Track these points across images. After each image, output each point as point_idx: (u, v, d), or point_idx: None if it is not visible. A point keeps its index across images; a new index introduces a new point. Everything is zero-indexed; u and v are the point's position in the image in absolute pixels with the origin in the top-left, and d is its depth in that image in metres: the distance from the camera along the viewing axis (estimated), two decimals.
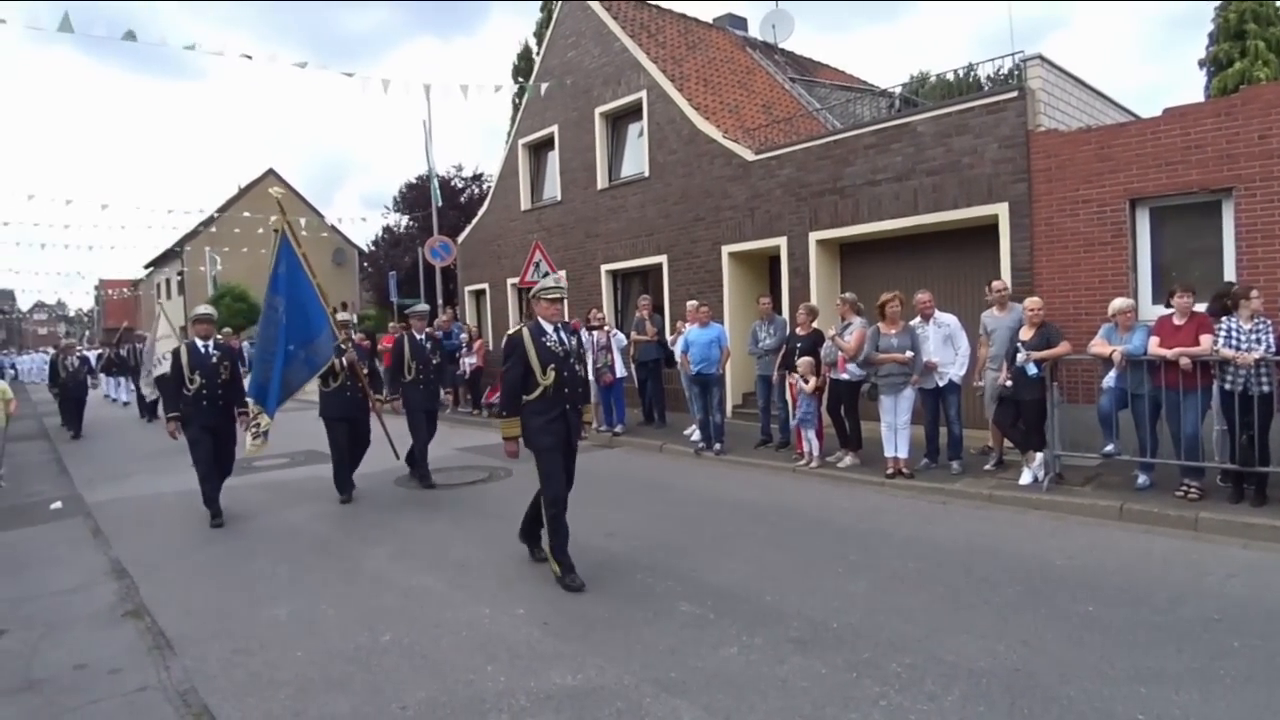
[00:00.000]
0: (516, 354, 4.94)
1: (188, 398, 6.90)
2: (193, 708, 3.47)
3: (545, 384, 4.92)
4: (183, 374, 6.89)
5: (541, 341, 4.96)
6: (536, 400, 4.95)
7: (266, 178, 39.42)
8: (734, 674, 3.61)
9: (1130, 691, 3.31)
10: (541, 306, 5.05)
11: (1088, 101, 10.35)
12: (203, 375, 6.90)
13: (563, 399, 5.00)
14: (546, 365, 4.91)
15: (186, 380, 6.87)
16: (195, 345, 7.04)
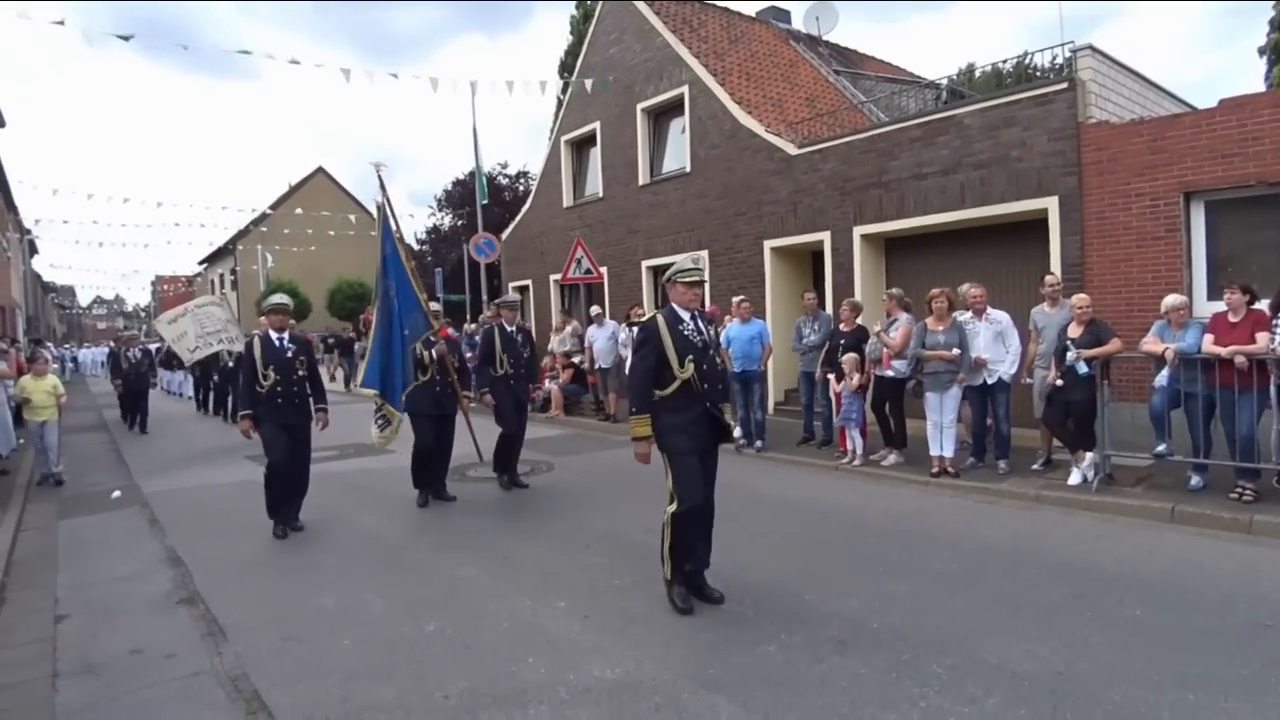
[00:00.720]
0: (650, 344, 4.38)
1: (260, 395, 6.31)
2: (243, 693, 3.59)
3: (683, 377, 4.33)
4: (255, 369, 6.31)
5: (678, 330, 4.37)
6: (672, 396, 4.38)
7: (316, 176, 40.31)
8: (772, 672, 3.62)
9: (1177, 698, 3.24)
10: (678, 291, 4.48)
11: (1140, 93, 10.06)
12: (277, 370, 6.34)
13: (703, 395, 4.40)
14: (684, 357, 4.32)
15: (260, 375, 6.30)
16: (269, 338, 6.44)
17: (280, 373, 6.34)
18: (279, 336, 6.47)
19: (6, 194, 23.04)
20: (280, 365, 6.36)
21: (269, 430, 6.31)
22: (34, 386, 9.23)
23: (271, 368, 6.33)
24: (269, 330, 6.48)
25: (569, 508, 6.96)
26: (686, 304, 4.52)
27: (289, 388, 6.41)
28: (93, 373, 36.00)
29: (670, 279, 4.58)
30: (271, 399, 6.33)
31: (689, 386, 4.37)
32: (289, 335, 6.56)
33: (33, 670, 3.97)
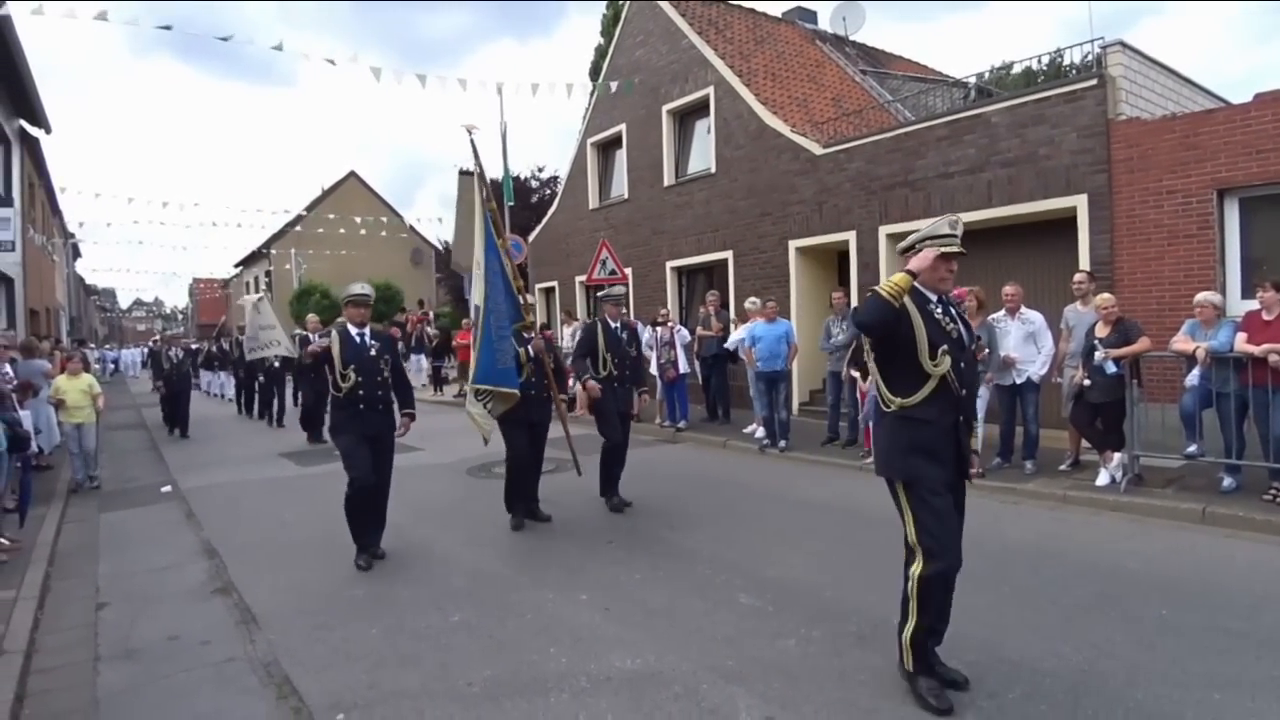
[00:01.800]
0: (881, 323, 3.23)
1: (339, 399, 5.42)
2: (275, 678, 3.70)
3: (938, 373, 3.23)
4: (334, 369, 5.38)
5: (929, 312, 3.32)
6: (919, 404, 3.28)
7: (348, 180, 40.88)
8: (791, 665, 3.65)
9: (1203, 697, 3.22)
10: (927, 263, 3.27)
11: (1173, 89, 9.92)
12: (359, 372, 5.37)
13: (957, 404, 3.32)
14: (937, 348, 3.24)
15: (339, 377, 5.37)
16: (348, 333, 5.49)
17: (362, 373, 5.38)
18: (359, 332, 5.51)
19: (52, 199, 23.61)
20: (362, 365, 5.40)
21: (349, 442, 5.38)
22: (68, 386, 8.64)
23: (352, 367, 5.36)
24: (347, 325, 5.53)
25: (591, 505, 7.02)
26: (937, 283, 3.38)
27: (372, 391, 5.44)
28: (133, 374, 36.77)
29: (914, 246, 3.40)
30: (352, 404, 5.38)
31: (945, 389, 3.27)
32: (370, 330, 5.60)
33: (75, 654, 4.13)
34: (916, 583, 3.24)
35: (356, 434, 5.40)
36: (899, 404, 3.30)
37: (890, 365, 3.35)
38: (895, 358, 3.32)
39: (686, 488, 7.82)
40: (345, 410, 5.43)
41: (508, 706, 3.34)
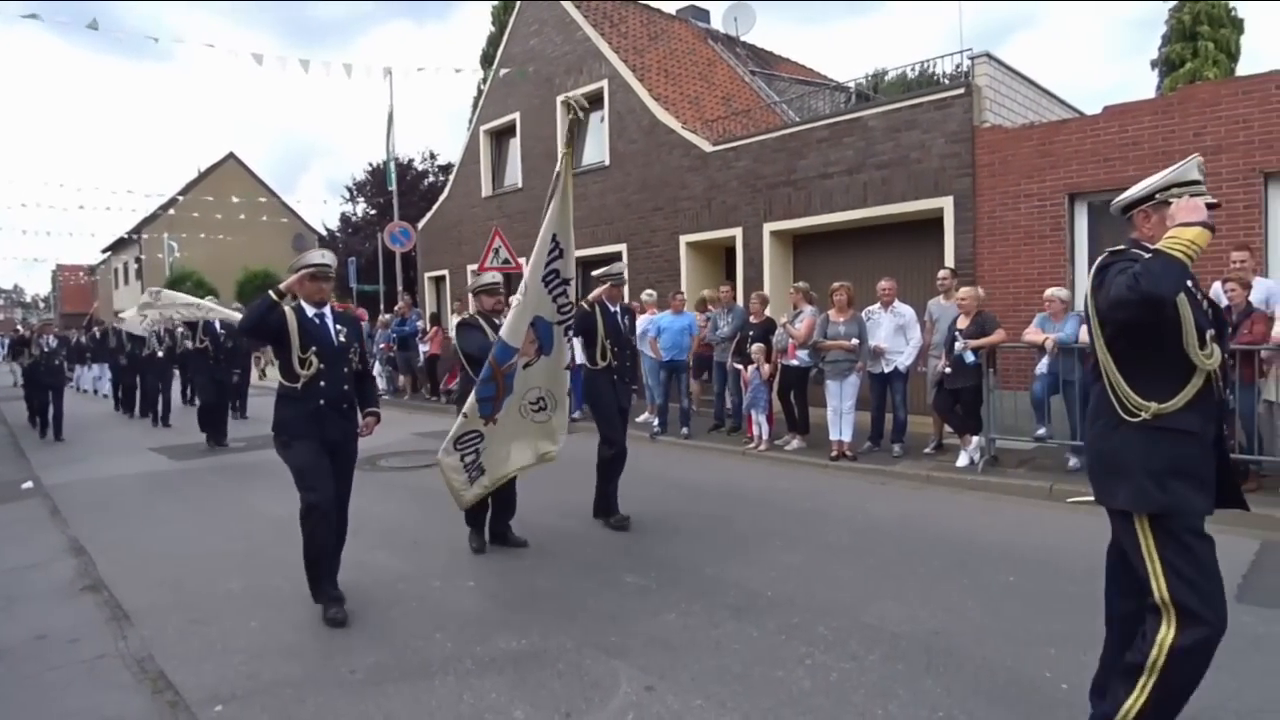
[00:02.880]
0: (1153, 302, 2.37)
1: (291, 392, 4.22)
2: (149, 673, 3.58)
3: (1208, 366, 2.49)
4: (289, 350, 4.19)
5: (1195, 299, 2.58)
6: (1179, 411, 2.49)
7: (227, 162, 38.86)
8: (671, 637, 3.81)
9: (1041, 652, 3.56)
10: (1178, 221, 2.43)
11: (1033, 99, 10.71)
12: (321, 358, 4.23)
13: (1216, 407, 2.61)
14: (1204, 334, 2.52)
15: (295, 361, 4.19)
16: (305, 313, 4.27)
17: (325, 361, 4.23)
18: (317, 312, 4.31)
19: None
20: (325, 352, 4.25)
21: (305, 452, 4.18)
22: None
23: (313, 350, 4.21)
24: (302, 304, 4.30)
25: None
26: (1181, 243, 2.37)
27: (336, 386, 4.29)
28: None
29: (1154, 195, 2.64)
30: (309, 399, 4.20)
31: (1209, 391, 2.52)
32: (332, 310, 4.43)
33: None
34: (1165, 653, 2.43)
35: (314, 441, 4.18)
36: (1153, 410, 2.47)
37: (1140, 359, 2.53)
38: (1149, 348, 2.51)
39: (577, 476, 7.87)
40: (299, 408, 4.20)
41: (391, 691, 3.36)
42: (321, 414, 4.24)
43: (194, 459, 9.31)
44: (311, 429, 4.22)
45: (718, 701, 3.18)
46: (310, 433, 4.21)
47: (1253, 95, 7.56)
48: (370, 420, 4.61)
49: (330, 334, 4.32)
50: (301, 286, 4.30)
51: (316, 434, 4.22)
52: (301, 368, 4.20)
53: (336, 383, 4.32)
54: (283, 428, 4.27)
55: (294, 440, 4.23)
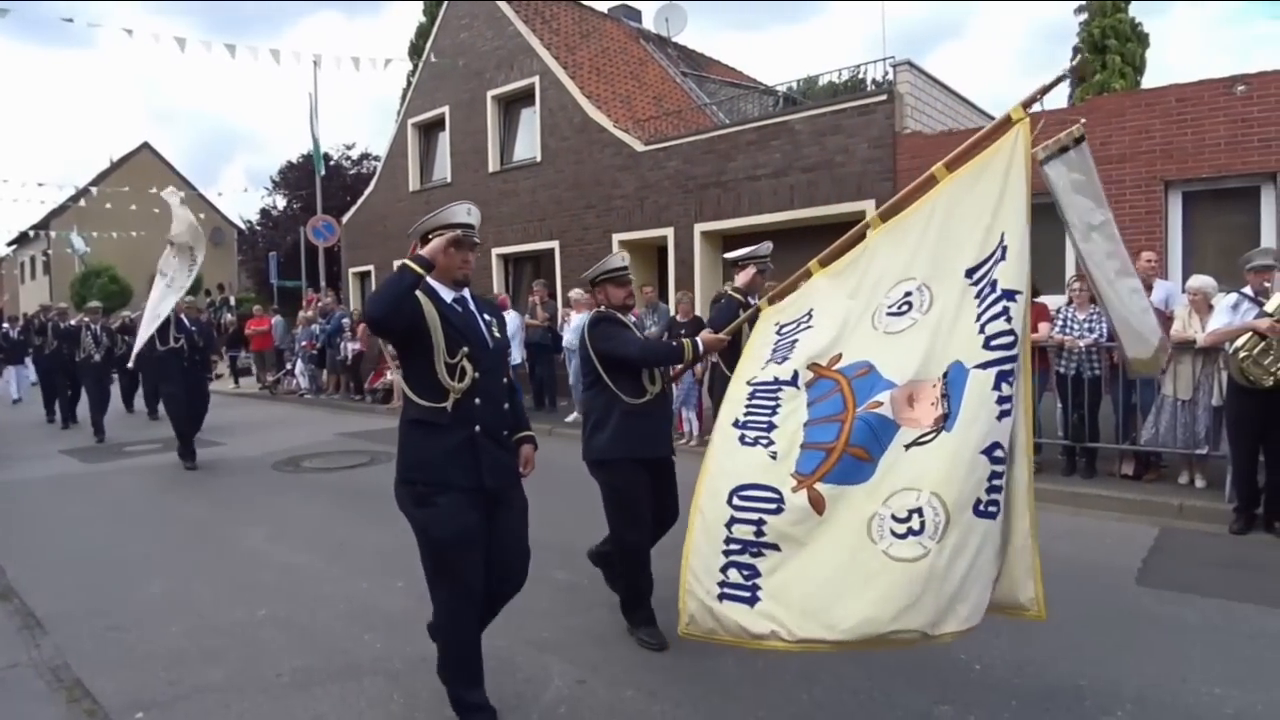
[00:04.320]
0: None
1: (430, 414, 2.88)
2: (65, 682, 3.47)
3: None
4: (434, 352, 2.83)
5: None
6: None
7: (141, 152, 37.17)
8: (602, 631, 3.88)
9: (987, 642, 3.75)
10: None
11: (952, 106, 11.14)
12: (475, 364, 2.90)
13: None
14: None
15: (442, 369, 2.84)
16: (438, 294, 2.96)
17: (481, 369, 2.90)
18: (458, 296, 3.00)
19: None
20: (479, 354, 2.90)
21: (459, 514, 2.88)
22: None
23: (464, 352, 2.85)
24: (433, 282, 2.90)
25: None
26: None
27: (495, 406, 3.01)
28: None
29: None
30: (461, 426, 2.87)
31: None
32: (473, 296, 3.12)
33: None
34: None
35: (470, 493, 2.87)
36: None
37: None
38: None
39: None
40: (445, 439, 2.85)
41: (319, 694, 3.33)
42: (479, 448, 2.87)
43: (106, 461, 8.94)
44: (467, 472, 2.85)
45: (648, 691, 3.26)
46: (465, 478, 2.84)
47: (1155, 108, 8.04)
48: (529, 450, 3.30)
49: (481, 327, 2.97)
50: (447, 257, 2.86)
51: (474, 479, 2.86)
52: (452, 378, 2.80)
53: (496, 400, 2.99)
54: (421, 471, 2.85)
55: (440, 491, 2.82)
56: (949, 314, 2.71)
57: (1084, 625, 3.81)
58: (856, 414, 2.70)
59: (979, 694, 3.20)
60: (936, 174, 2.94)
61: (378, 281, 17.69)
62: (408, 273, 2.71)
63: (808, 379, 2.96)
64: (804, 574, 2.58)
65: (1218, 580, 4.51)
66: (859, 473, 2.61)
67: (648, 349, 3.94)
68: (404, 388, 2.94)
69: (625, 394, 3.80)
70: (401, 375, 3.03)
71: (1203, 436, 6.08)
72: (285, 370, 15.91)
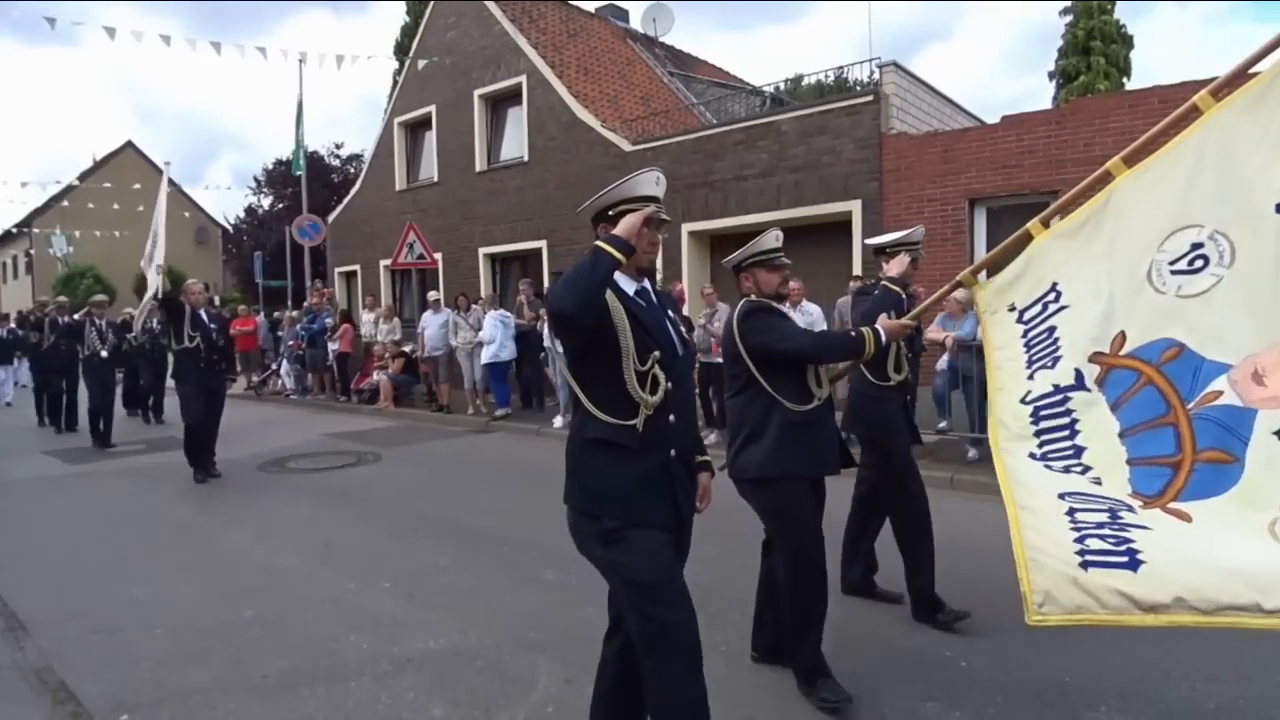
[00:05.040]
0: None
1: (624, 438, 2.35)
2: (49, 684, 3.44)
3: None
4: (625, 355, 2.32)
5: None
6: None
7: (124, 151, 36.86)
8: (590, 631, 3.84)
9: (942, 633, 3.79)
10: None
11: (937, 107, 11.20)
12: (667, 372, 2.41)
13: None
14: None
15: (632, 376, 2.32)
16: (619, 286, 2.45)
17: (673, 377, 2.41)
18: (640, 288, 2.51)
19: None
20: (669, 360, 2.41)
21: (655, 552, 2.36)
22: None
23: (655, 359, 2.36)
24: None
25: (396, 496, 6.94)
26: None
27: (688, 423, 2.56)
28: None
29: None
30: (656, 448, 2.39)
31: None
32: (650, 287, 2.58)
33: None
34: None
35: (664, 529, 2.37)
36: None
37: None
38: None
39: (496, 475, 7.90)
40: (638, 465, 2.34)
41: (306, 695, 3.31)
42: (673, 476, 2.38)
43: (90, 462, 8.86)
44: (662, 505, 2.35)
45: None
46: (661, 513, 2.34)
47: (1138, 109, 8.11)
48: (707, 479, 2.68)
49: (669, 327, 2.46)
50: (639, 239, 2.35)
51: (670, 515, 2.36)
52: (643, 389, 2.28)
53: (688, 417, 2.52)
54: (608, 503, 2.32)
55: (632, 526, 2.30)
56: (1266, 261, 2.17)
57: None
58: (1190, 413, 2.23)
59: (965, 691, 3.22)
60: (1200, 103, 2.42)
61: (365, 281, 17.61)
62: (604, 258, 2.20)
63: (1095, 375, 2.41)
64: (1191, 541, 2.07)
65: None
66: (1223, 478, 2.14)
67: (822, 341, 3.45)
68: (581, 400, 2.34)
69: (787, 399, 3.19)
70: (576, 383, 2.36)
71: None
72: (270, 370, 15.81)
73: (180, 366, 7.71)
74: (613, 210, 2.41)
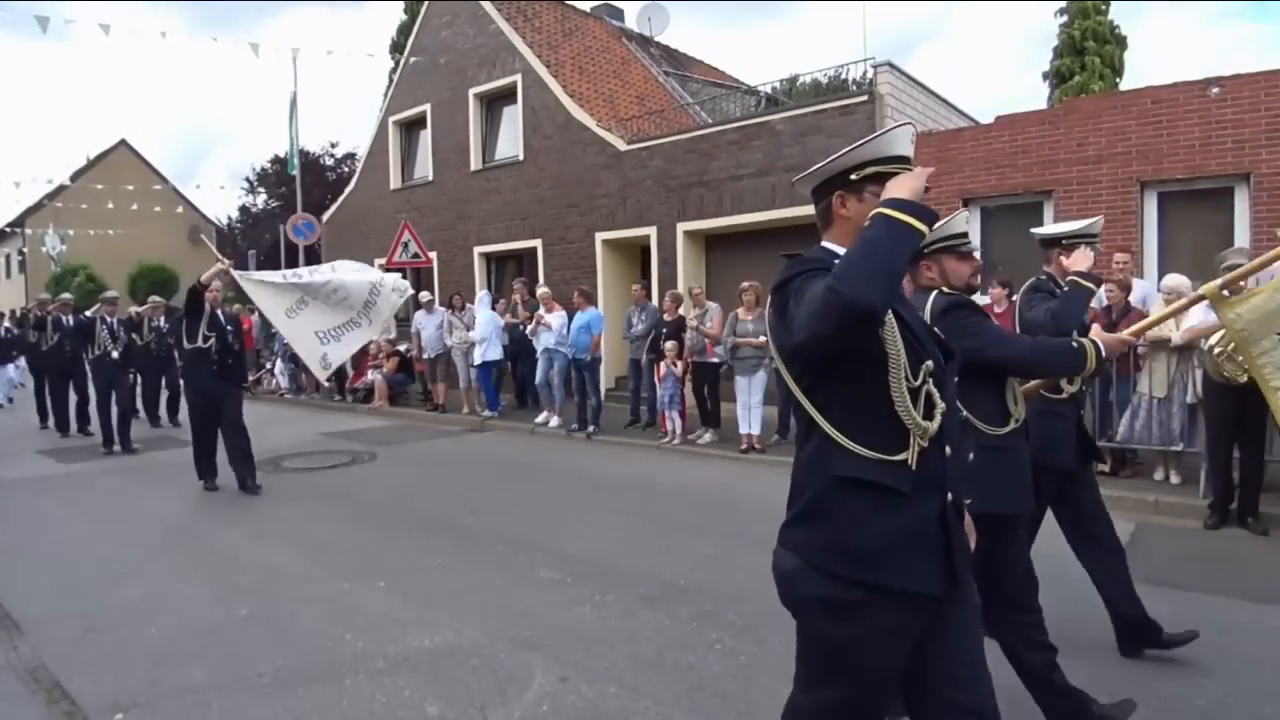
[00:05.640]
0: None
1: (890, 477, 1.76)
2: (43, 684, 3.43)
3: None
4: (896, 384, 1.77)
5: None
6: None
7: (118, 149, 36.72)
8: (585, 629, 3.88)
9: None
10: None
11: (932, 107, 11.22)
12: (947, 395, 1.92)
13: None
14: None
15: (908, 409, 1.77)
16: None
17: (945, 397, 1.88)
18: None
19: None
20: (944, 384, 1.94)
21: (897, 643, 1.82)
22: None
23: (930, 380, 1.84)
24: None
25: (391, 495, 6.94)
26: None
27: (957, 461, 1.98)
28: None
29: None
30: (927, 495, 1.81)
31: None
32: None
33: None
34: None
35: (923, 604, 1.79)
36: None
37: None
38: None
39: (492, 474, 7.90)
40: (904, 516, 1.77)
41: (301, 693, 3.31)
42: (950, 529, 1.81)
43: (83, 462, 8.82)
44: (932, 568, 1.78)
45: (631, 688, 3.27)
46: (928, 579, 1.77)
47: (1131, 110, 8.14)
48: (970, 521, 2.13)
49: (937, 347, 1.95)
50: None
51: (940, 580, 1.78)
52: (926, 417, 1.79)
53: (960, 449, 2.04)
54: (859, 565, 1.75)
55: (881, 601, 1.74)
56: None
57: (1061, 620, 3.85)
58: None
59: None
60: None
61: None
62: (903, 231, 1.61)
63: None
64: None
65: (1192, 574, 4.59)
66: None
67: (1043, 350, 2.79)
68: (824, 427, 1.79)
69: (982, 420, 2.73)
70: (813, 405, 1.81)
71: (1178, 433, 6.18)
72: (264, 369, 15.78)
73: (190, 369, 7.32)
74: (857, 174, 1.87)
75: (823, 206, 1.94)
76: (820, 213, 1.95)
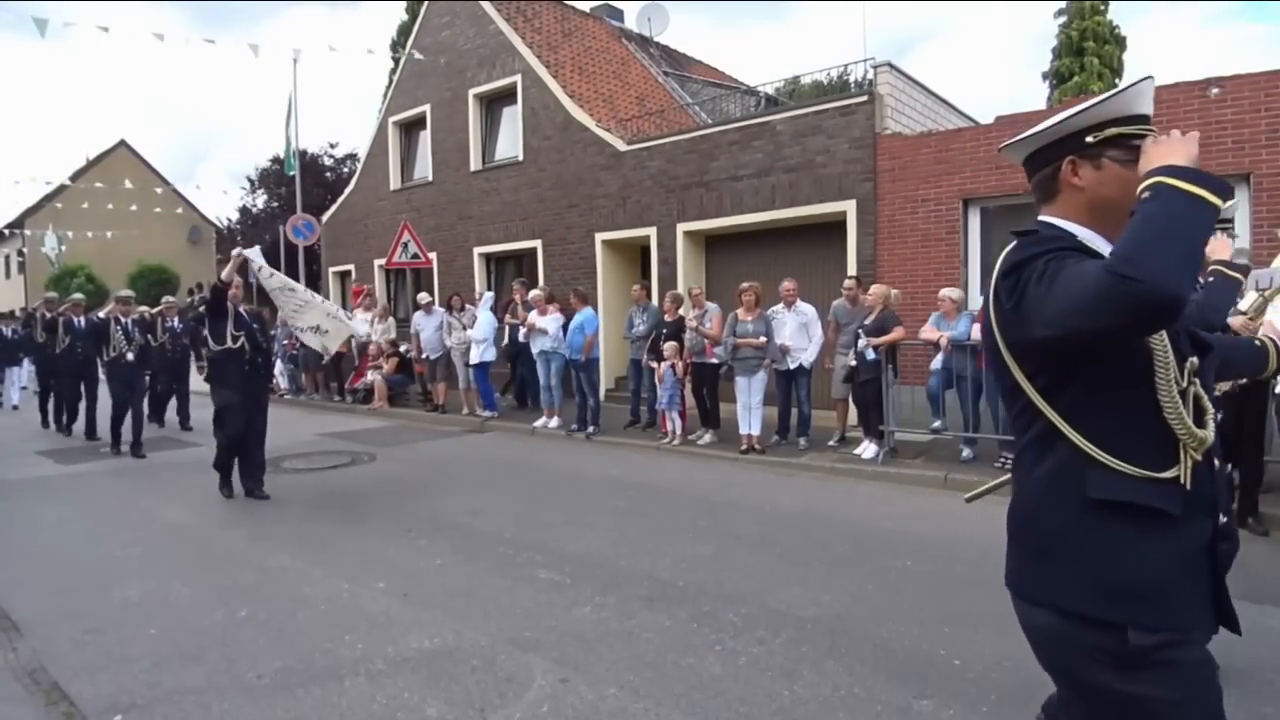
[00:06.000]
0: None
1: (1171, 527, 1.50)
2: (42, 685, 3.42)
3: None
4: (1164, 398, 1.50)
5: None
6: None
7: (118, 149, 36.73)
8: (585, 630, 3.88)
9: (936, 632, 3.79)
10: None
11: (932, 107, 11.21)
12: None
13: None
14: None
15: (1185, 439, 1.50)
16: None
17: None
18: None
19: None
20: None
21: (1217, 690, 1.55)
22: None
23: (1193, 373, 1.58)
24: None
25: (391, 496, 6.94)
26: None
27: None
28: None
29: None
30: (1195, 545, 1.54)
31: None
32: None
33: None
34: None
35: (1206, 639, 1.57)
36: None
37: None
38: None
39: (491, 475, 7.89)
40: (1176, 542, 1.51)
41: (300, 695, 3.31)
42: (1218, 554, 1.58)
43: (83, 463, 8.82)
44: (1205, 601, 1.55)
45: (631, 690, 3.26)
46: (1202, 616, 1.55)
47: None
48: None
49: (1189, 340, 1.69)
50: None
51: (1210, 614, 1.56)
52: (1198, 424, 1.54)
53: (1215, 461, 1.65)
54: (1139, 606, 1.47)
55: (1179, 643, 1.47)
56: None
57: None
58: None
59: (958, 689, 3.23)
60: None
61: (359, 281, 17.52)
62: (1200, 206, 1.35)
63: None
64: None
65: None
66: None
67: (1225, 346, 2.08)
68: (1073, 439, 1.52)
69: None
70: (1057, 413, 1.54)
71: None
72: None
73: (220, 370, 6.95)
74: (1094, 135, 1.59)
75: (1045, 175, 1.68)
76: (1040, 182, 1.70)
